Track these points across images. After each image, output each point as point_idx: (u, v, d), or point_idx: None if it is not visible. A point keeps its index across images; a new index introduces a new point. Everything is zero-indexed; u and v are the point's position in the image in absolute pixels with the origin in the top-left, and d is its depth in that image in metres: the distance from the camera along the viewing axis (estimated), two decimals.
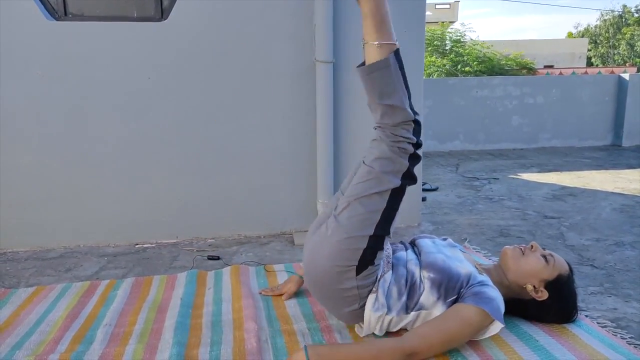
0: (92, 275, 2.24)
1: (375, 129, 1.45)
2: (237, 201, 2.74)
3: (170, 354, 1.46)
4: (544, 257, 1.56)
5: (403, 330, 1.52)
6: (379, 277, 1.49)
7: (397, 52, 1.38)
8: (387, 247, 1.54)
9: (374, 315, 1.46)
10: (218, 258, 2.39)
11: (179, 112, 2.62)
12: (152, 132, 2.62)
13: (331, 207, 1.55)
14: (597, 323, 1.62)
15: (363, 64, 1.40)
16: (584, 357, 1.39)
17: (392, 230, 1.48)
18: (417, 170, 1.50)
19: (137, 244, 2.66)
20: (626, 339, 1.52)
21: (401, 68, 1.40)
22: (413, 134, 1.41)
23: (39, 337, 1.61)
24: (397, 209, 1.46)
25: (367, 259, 1.44)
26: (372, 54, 1.37)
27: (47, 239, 2.63)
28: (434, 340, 1.36)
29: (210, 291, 1.95)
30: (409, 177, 1.44)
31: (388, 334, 1.53)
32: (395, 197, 1.44)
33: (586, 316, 1.67)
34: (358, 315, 1.50)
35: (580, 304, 1.79)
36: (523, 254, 1.59)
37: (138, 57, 2.54)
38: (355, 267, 1.44)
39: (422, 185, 3.22)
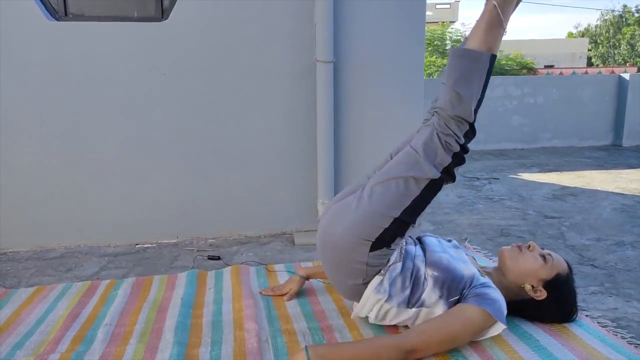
0: (92, 275, 2.24)
1: (432, 114, 1.46)
2: (237, 201, 2.74)
3: (171, 353, 1.46)
4: (543, 256, 1.56)
5: (402, 327, 1.52)
6: (390, 263, 1.48)
7: (493, 58, 1.41)
8: (407, 237, 1.53)
9: (373, 297, 1.46)
10: (218, 258, 2.39)
11: (180, 112, 2.62)
12: (152, 132, 2.62)
13: (357, 185, 1.57)
14: (598, 323, 1.62)
15: (462, 44, 1.44)
16: (585, 356, 1.39)
17: (418, 221, 1.47)
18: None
19: (137, 244, 2.66)
20: (627, 338, 1.52)
21: (489, 72, 1.42)
22: (464, 136, 1.42)
23: (40, 337, 1.62)
24: (428, 201, 1.46)
25: (385, 240, 1.44)
26: (477, 40, 1.39)
27: (47, 239, 2.63)
28: (434, 339, 1.36)
29: (210, 291, 1.95)
30: (448, 174, 1.44)
31: (383, 327, 1.53)
32: (431, 188, 1.44)
33: (587, 316, 1.67)
34: (358, 292, 1.50)
35: (581, 304, 1.79)
36: (521, 252, 1.58)
37: (138, 58, 2.54)
38: (371, 242, 1.43)
39: None
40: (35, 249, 2.61)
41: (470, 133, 1.43)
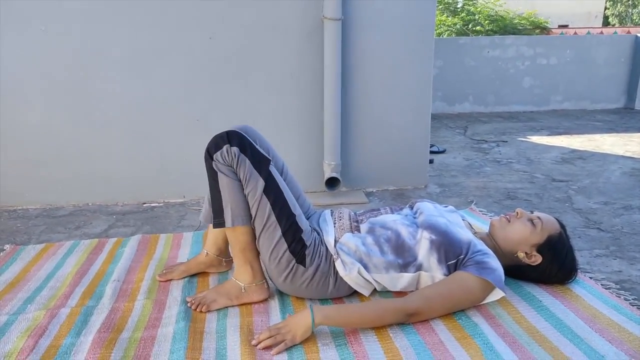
0: (101, 233, 2.27)
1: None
2: None
3: (179, 310, 1.49)
4: (531, 221, 1.55)
5: (409, 291, 1.53)
6: (332, 244, 1.51)
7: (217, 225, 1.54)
8: (304, 222, 1.53)
9: (352, 276, 1.48)
10: None
11: (186, 70, 2.58)
12: (158, 90, 2.59)
13: None
14: (601, 285, 1.63)
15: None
16: (587, 317, 1.41)
17: (295, 211, 1.49)
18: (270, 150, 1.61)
19: (144, 203, 2.68)
20: (629, 300, 1.53)
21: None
22: (231, 145, 1.50)
23: (50, 292, 1.65)
24: (281, 193, 1.48)
25: (299, 250, 1.47)
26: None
27: (56, 197, 2.66)
28: (436, 304, 1.39)
29: None
30: (258, 161, 1.48)
31: (393, 294, 1.55)
32: (270, 189, 1.47)
33: (590, 278, 1.67)
34: (344, 286, 1.52)
35: (585, 266, 1.80)
36: (509, 222, 1.58)
37: (142, 15, 2.48)
38: (296, 264, 1.47)
39: (430, 147, 3.19)
40: (44, 207, 2.64)
41: (232, 137, 1.53)
